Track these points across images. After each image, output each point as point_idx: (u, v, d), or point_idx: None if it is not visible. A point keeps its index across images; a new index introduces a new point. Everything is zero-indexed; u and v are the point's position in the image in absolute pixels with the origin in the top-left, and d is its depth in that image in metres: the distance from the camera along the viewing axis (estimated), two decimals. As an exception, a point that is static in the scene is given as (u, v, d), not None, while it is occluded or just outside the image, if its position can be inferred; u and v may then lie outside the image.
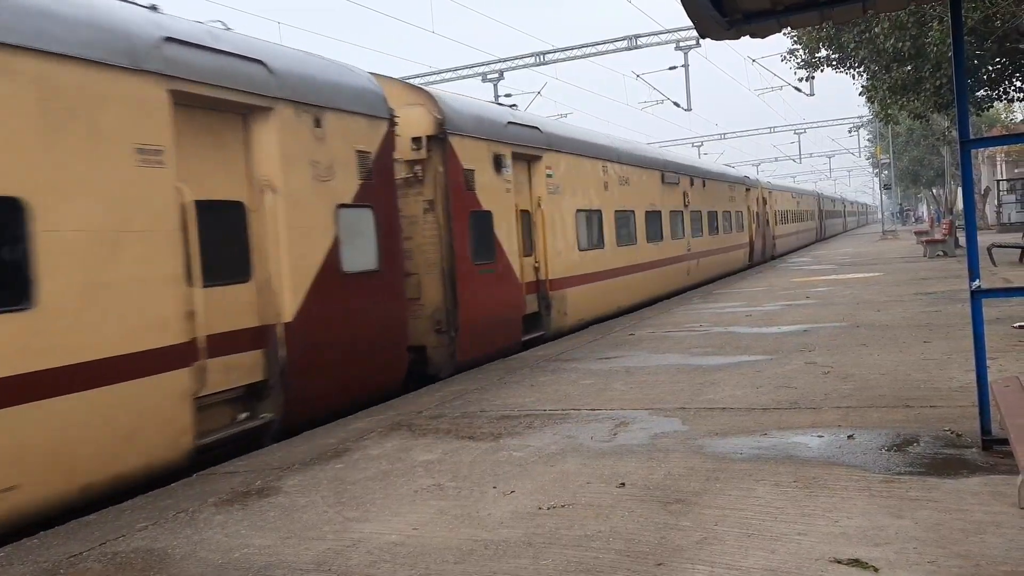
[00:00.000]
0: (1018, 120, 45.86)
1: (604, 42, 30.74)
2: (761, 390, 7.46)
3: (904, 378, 7.45)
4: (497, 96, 33.36)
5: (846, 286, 17.48)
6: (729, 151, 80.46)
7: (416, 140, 10.19)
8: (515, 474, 5.39)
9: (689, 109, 33.47)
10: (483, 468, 5.60)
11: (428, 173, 10.28)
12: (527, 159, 12.65)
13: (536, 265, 12.74)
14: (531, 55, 32.04)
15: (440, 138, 10.28)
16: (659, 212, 18.83)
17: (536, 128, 12.97)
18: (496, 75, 33.01)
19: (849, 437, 5.64)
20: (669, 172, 19.80)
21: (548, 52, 31.75)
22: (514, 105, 16.05)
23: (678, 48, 29.87)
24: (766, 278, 22.18)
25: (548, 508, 4.66)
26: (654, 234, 18.30)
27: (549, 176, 13.10)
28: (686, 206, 21.11)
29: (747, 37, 5.75)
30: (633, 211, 17.08)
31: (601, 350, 10.86)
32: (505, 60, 32.99)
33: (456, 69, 33.32)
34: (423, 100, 10.37)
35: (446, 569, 3.90)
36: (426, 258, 10.25)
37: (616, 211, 15.99)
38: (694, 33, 29.48)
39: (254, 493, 5.47)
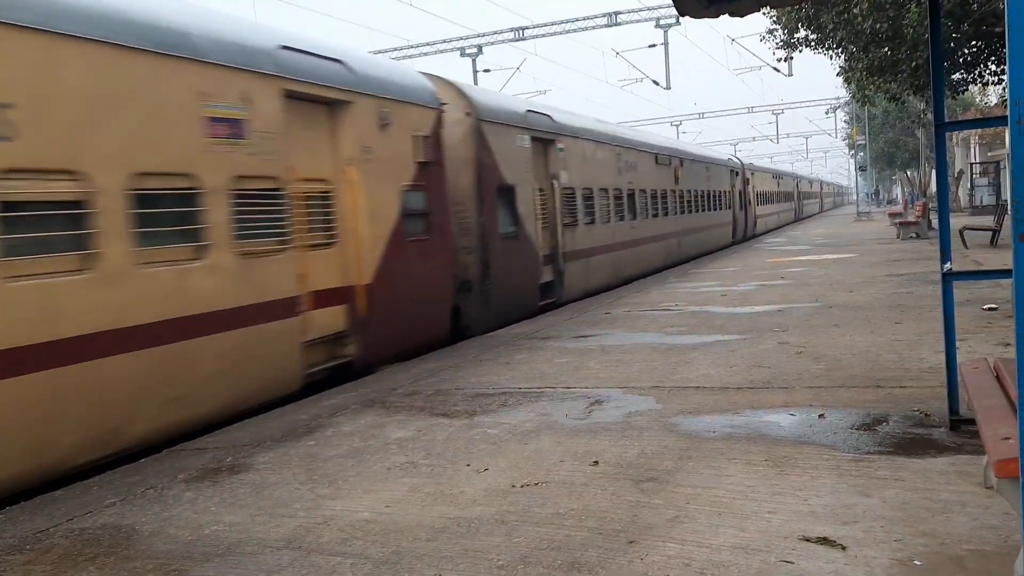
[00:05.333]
0: (992, 104, 46.23)
1: (584, 18, 30.58)
2: (734, 369, 7.50)
3: (875, 358, 7.52)
4: (476, 71, 33.12)
5: (820, 267, 17.61)
6: (707, 130, 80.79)
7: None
8: (489, 452, 5.39)
9: (668, 88, 33.45)
10: (457, 446, 5.60)
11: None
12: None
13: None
14: (510, 30, 31.83)
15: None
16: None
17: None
18: (475, 50, 32.76)
19: (820, 416, 5.69)
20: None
21: (527, 28, 31.53)
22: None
23: (658, 26, 29.81)
24: (742, 258, 22.31)
25: (522, 486, 4.66)
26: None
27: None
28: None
29: (726, 16, 5.71)
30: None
31: (577, 328, 10.88)
32: (483, 35, 32.74)
33: (434, 43, 33.01)
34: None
35: (418, 546, 3.89)
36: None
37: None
38: (674, 11, 29.35)
39: (224, 470, 5.43)
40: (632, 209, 18.90)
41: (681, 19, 24.58)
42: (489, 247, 11.81)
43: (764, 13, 20.65)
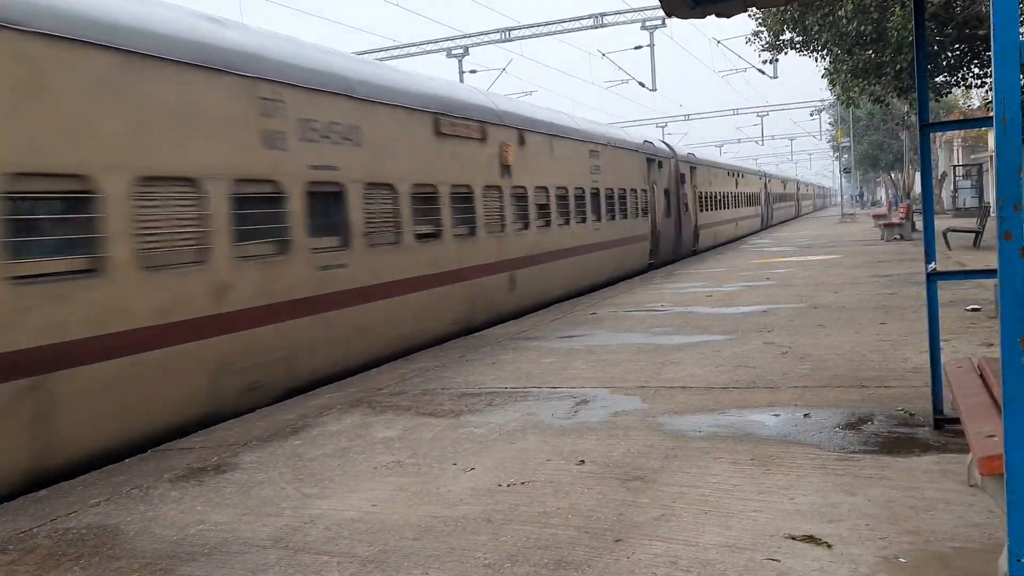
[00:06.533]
0: (975, 106, 46.67)
1: (570, 20, 30.61)
2: (720, 369, 7.53)
3: (860, 358, 7.57)
4: (462, 72, 33.10)
5: (805, 268, 17.70)
6: (693, 132, 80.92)
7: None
8: (475, 451, 5.39)
9: (654, 89, 33.54)
10: (443, 445, 5.59)
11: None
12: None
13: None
14: (496, 31, 31.78)
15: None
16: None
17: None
18: (461, 51, 32.73)
19: (805, 416, 5.72)
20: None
21: (514, 28, 31.52)
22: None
23: (644, 27, 29.86)
24: (727, 259, 22.40)
25: (508, 485, 4.66)
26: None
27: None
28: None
29: (712, 17, 5.73)
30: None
31: (563, 329, 10.89)
32: (470, 36, 32.70)
33: (420, 44, 32.96)
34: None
35: (404, 545, 3.88)
36: None
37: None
38: (660, 12, 29.48)
39: (210, 469, 5.40)
40: (341, 230, 8.82)
41: (667, 20, 24.63)
42: None
43: (750, 15, 20.76)
